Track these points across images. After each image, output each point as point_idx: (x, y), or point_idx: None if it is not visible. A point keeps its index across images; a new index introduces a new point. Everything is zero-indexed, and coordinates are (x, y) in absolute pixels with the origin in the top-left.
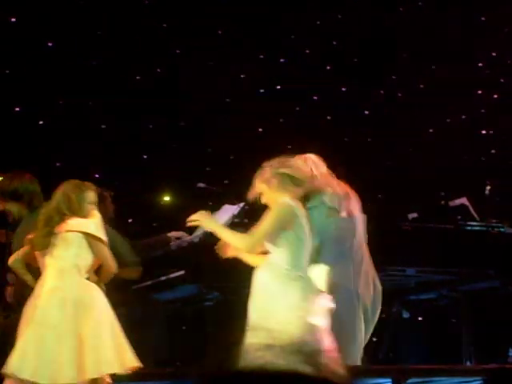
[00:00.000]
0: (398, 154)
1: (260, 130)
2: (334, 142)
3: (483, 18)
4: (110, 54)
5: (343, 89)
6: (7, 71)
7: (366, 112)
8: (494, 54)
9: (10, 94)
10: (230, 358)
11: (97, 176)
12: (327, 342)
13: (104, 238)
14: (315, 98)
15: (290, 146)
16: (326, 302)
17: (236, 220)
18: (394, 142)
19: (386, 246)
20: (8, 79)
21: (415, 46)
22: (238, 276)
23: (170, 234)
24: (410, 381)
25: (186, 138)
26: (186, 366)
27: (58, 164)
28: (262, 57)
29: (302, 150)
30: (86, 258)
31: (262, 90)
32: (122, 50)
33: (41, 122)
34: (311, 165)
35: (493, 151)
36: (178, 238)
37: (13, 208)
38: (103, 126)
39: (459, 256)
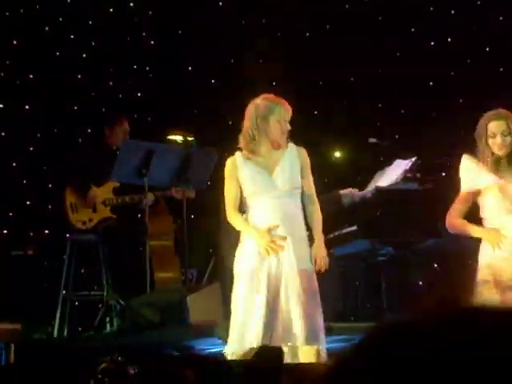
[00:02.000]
0: None
1: (431, 83)
2: None
3: None
4: None
5: None
6: None
7: None
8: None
9: None
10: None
11: None
12: None
13: None
14: None
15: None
16: None
17: (408, 175)
18: None
19: None
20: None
21: None
22: (411, 231)
23: (341, 192)
24: None
25: (355, 95)
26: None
27: None
28: None
29: None
30: None
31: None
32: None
33: None
34: None
35: None
36: (349, 195)
37: None
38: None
39: None
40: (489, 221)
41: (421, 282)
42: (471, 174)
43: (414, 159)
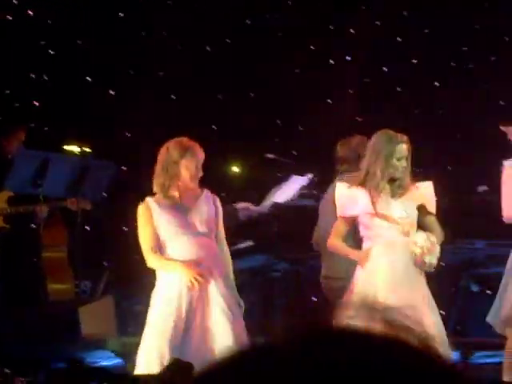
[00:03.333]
0: None
1: (329, 101)
2: None
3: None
4: None
5: None
6: None
7: None
8: None
9: None
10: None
11: None
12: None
13: None
14: None
15: (359, 119)
16: None
17: (304, 191)
18: None
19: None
20: None
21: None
22: (307, 247)
23: (238, 206)
24: (477, 354)
25: (255, 109)
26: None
27: None
28: None
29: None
30: None
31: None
32: None
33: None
34: None
35: None
36: (248, 209)
37: None
38: (173, 97)
39: None
40: (365, 243)
41: (315, 298)
42: (347, 200)
43: (310, 176)
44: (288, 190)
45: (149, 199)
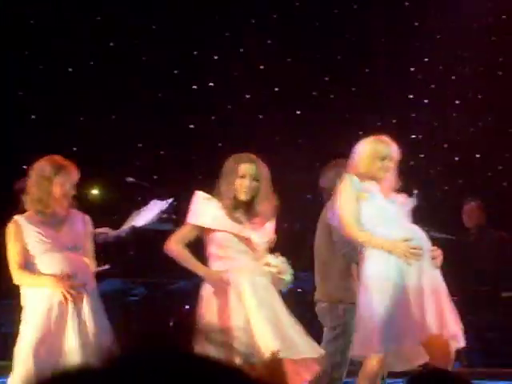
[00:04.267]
0: None
1: (191, 126)
2: None
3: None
4: None
5: None
6: None
7: None
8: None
9: None
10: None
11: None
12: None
13: None
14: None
15: (220, 144)
16: None
17: (164, 216)
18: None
19: None
20: None
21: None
22: (164, 272)
23: (96, 230)
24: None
25: (115, 132)
26: None
27: None
28: None
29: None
30: None
31: (194, 87)
32: None
33: None
34: None
35: (422, 155)
36: (106, 233)
37: None
38: (33, 117)
39: None
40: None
41: (171, 323)
42: (201, 209)
43: (170, 200)
44: (147, 214)
45: (18, 217)
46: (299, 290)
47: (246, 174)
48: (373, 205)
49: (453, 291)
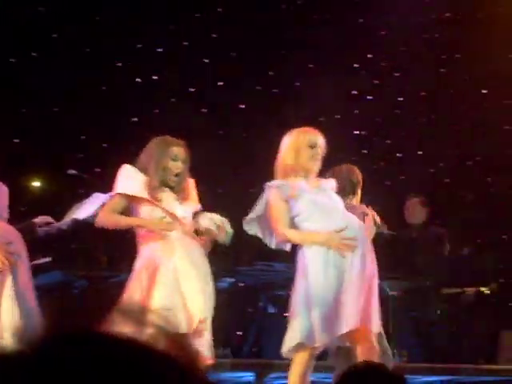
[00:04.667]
0: None
1: (135, 119)
2: None
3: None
4: None
5: None
6: None
7: None
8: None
9: None
10: None
11: None
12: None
13: None
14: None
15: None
16: None
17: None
18: None
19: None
20: None
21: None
22: (108, 264)
23: (35, 220)
24: (272, 375)
25: (58, 124)
26: None
27: None
28: None
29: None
30: None
31: (138, 79)
32: None
33: None
34: None
35: (364, 151)
36: (48, 223)
37: None
38: None
39: None
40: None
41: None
42: (129, 180)
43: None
44: (89, 207)
45: None
46: None
47: (177, 156)
48: (304, 201)
49: (394, 287)
